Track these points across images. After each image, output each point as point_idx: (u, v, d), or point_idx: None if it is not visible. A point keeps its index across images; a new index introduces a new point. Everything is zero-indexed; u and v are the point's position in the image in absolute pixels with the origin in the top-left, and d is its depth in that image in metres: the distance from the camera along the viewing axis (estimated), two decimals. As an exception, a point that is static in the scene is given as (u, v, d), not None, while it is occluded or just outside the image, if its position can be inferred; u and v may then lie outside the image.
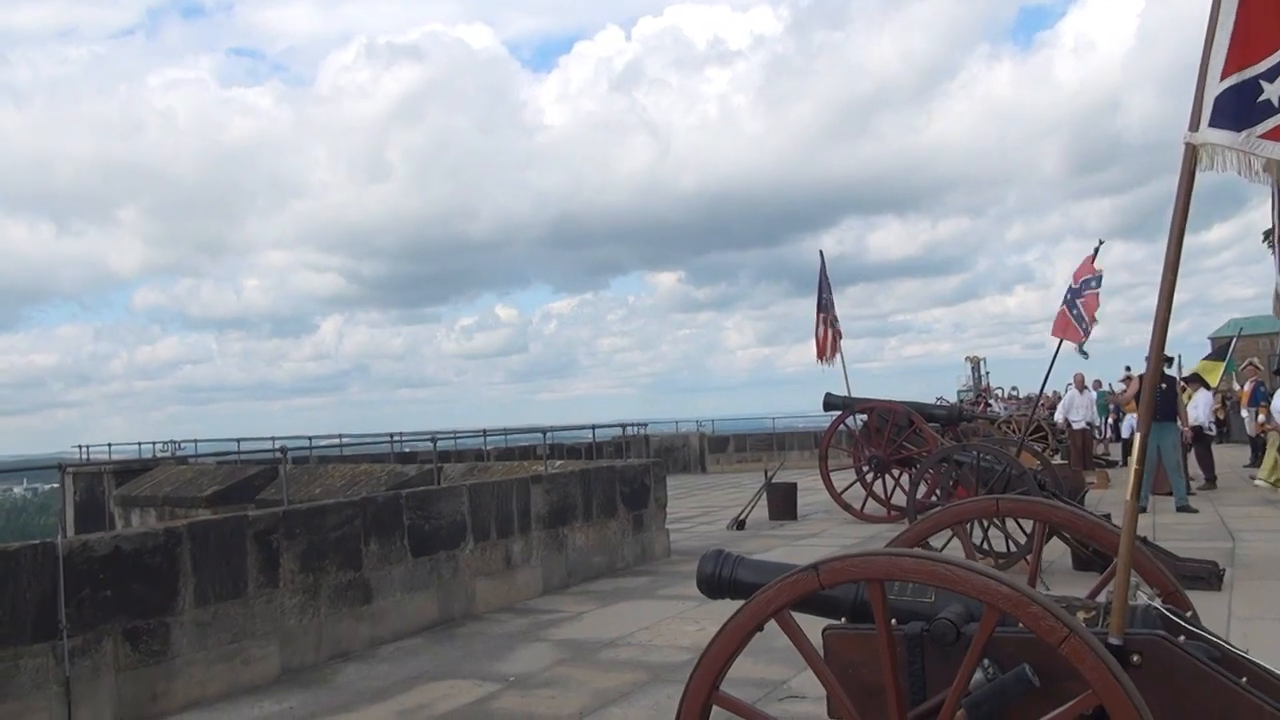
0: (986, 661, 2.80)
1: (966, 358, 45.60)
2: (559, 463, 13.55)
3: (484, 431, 18.62)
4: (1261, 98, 2.80)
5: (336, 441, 23.44)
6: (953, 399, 30.04)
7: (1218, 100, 2.86)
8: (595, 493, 10.82)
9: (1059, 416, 20.59)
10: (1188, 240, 2.95)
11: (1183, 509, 13.59)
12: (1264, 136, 2.80)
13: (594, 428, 14.74)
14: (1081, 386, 20.56)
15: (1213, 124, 2.86)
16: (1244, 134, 2.82)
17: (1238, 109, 2.82)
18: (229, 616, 6.67)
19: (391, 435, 18.62)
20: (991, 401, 30.90)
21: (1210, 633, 3.08)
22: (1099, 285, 11.78)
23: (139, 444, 32.23)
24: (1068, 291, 11.91)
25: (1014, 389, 33.13)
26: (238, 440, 24.89)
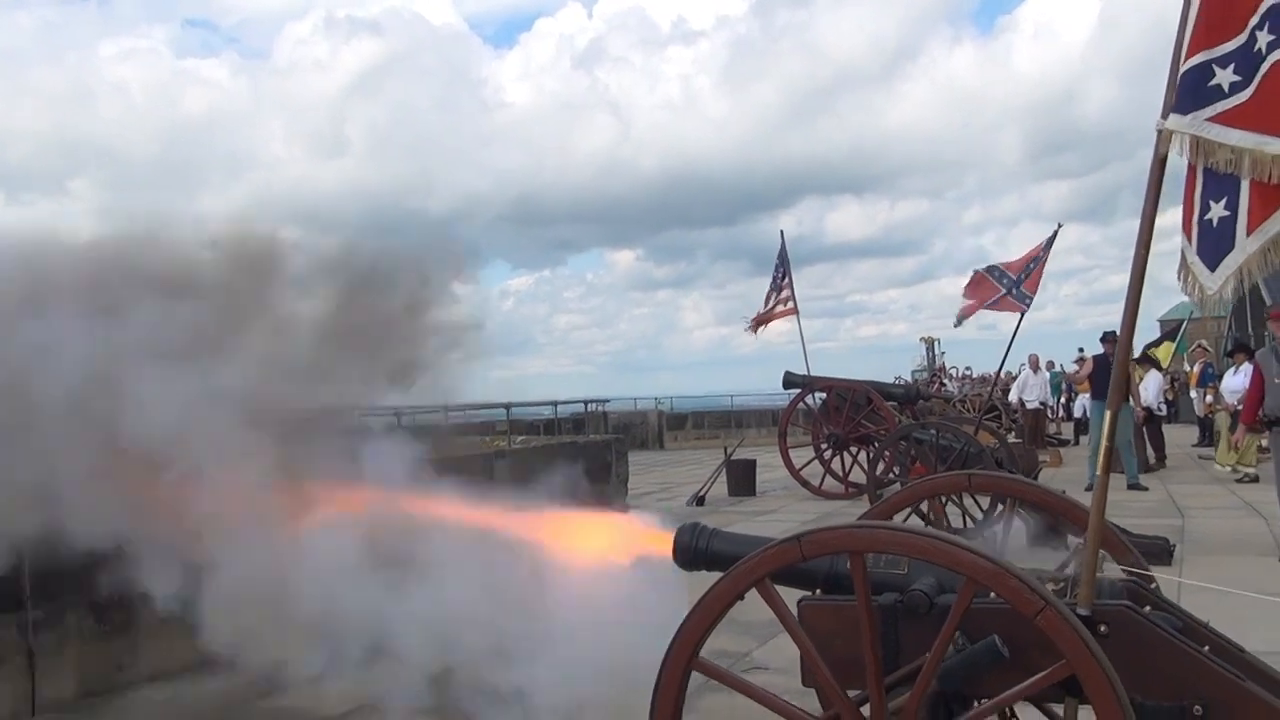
0: (956, 632, 2.86)
1: (921, 338, 45.88)
2: (520, 439, 13.52)
3: (445, 406, 18.44)
4: (1212, 81, 2.82)
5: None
6: (908, 379, 30.30)
7: (1180, 84, 2.90)
8: (558, 469, 10.82)
9: (1013, 396, 20.95)
10: (1137, 224, 3.00)
11: (1133, 487, 13.87)
12: (1211, 120, 2.81)
13: (555, 404, 14.72)
14: (1036, 367, 20.94)
15: (1175, 109, 2.91)
16: (1190, 116, 2.84)
17: (1192, 93, 2.85)
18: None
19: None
20: (946, 381, 31.27)
21: (1173, 605, 3.17)
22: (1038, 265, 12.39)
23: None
24: (1003, 276, 12.43)
25: (968, 369, 33.47)
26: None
